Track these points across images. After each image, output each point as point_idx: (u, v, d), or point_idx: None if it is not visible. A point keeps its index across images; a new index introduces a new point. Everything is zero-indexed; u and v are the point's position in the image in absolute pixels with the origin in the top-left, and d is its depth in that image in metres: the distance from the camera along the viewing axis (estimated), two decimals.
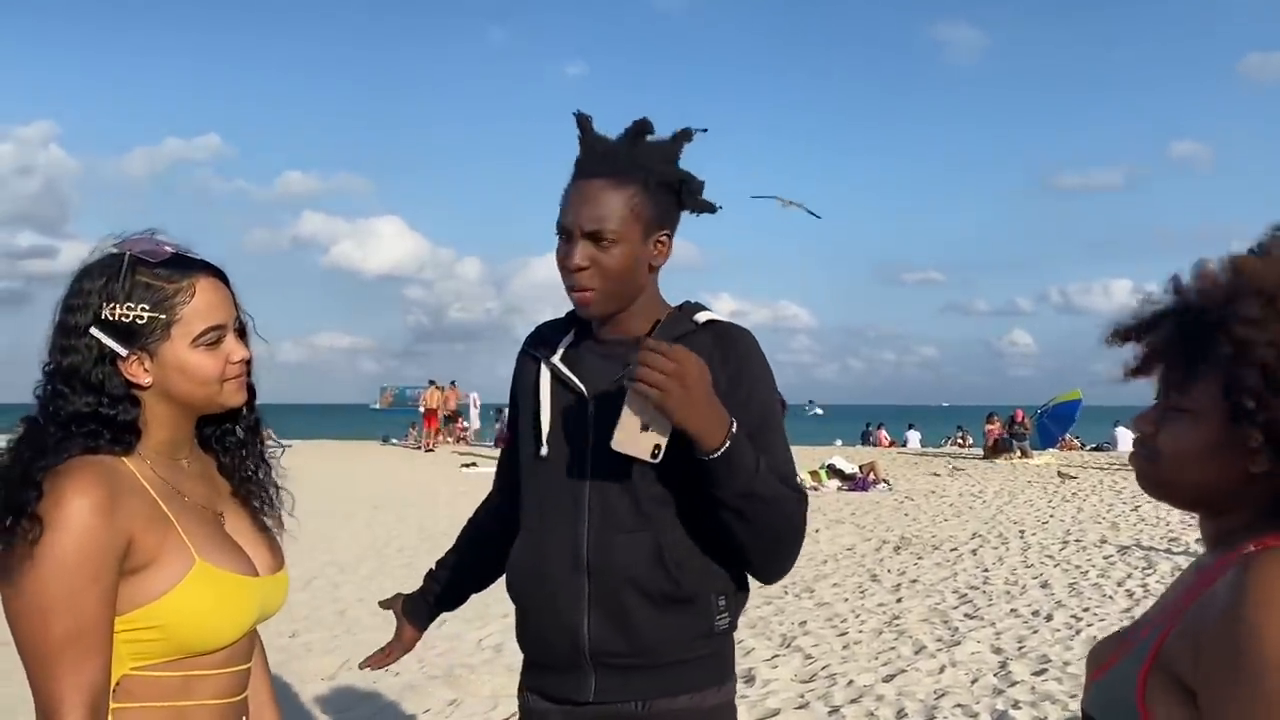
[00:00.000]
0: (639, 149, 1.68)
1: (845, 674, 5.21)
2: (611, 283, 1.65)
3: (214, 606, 1.37)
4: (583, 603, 1.64)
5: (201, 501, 1.46)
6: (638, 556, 1.62)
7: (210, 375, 1.42)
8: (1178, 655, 1.03)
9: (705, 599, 1.64)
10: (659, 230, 1.69)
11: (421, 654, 5.73)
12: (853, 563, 8.77)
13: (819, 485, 15.68)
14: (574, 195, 1.66)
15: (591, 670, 1.65)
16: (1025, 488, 15.08)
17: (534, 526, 1.73)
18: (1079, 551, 9.13)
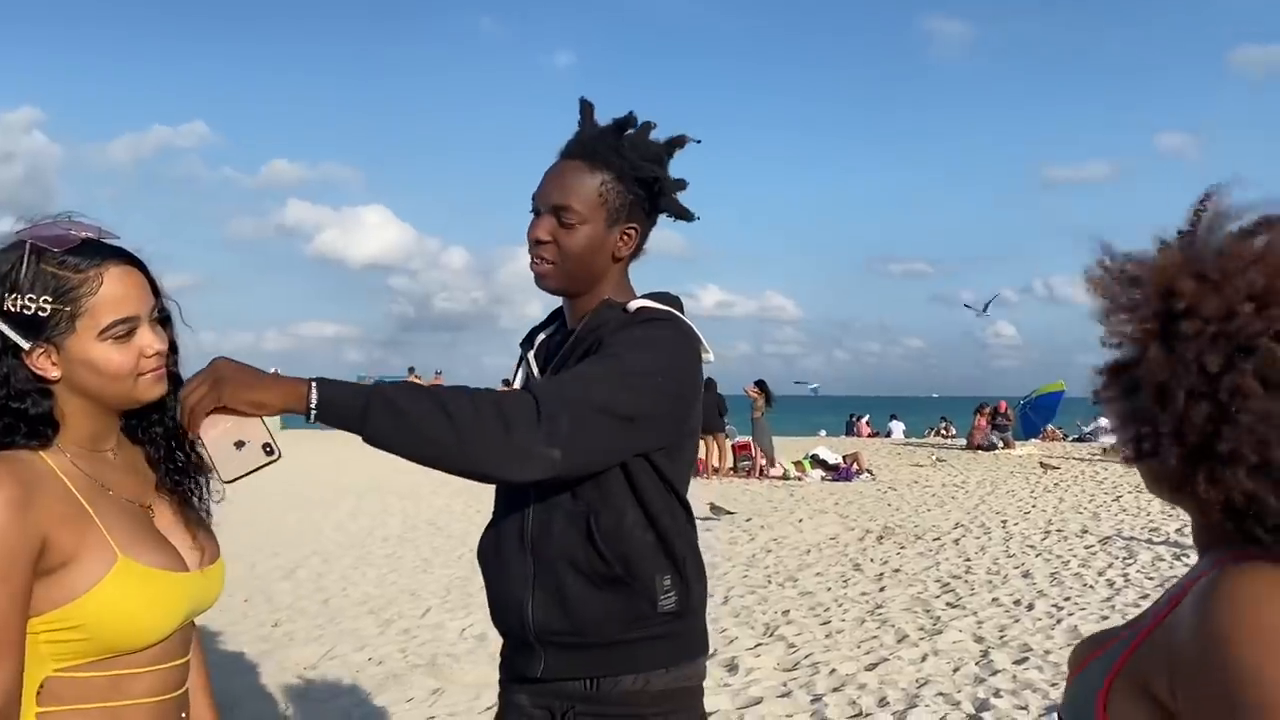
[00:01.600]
0: (620, 140, 1.72)
1: (828, 662, 5.23)
2: (569, 262, 1.70)
3: (139, 604, 1.32)
4: (527, 581, 1.68)
5: (127, 495, 1.41)
6: (573, 537, 1.64)
7: (121, 370, 1.35)
8: (1148, 666, 0.98)
9: (645, 579, 1.65)
10: (627, 222, 1.72)
11: (404, 643, 5.73)
12: (836, 552, 8.80)
13: (803, 475, 15.74)
14: (549, 173, 1.74)
15: (539, 647, 1.68)
16: (1007, 478, 15.16)
17: (497, 509, 1.79)
18: (1061, 541, 9.19)
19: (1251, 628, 0.88)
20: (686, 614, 1.70)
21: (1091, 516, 10.80)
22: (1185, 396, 0.93)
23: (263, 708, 4.62)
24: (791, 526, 10.39)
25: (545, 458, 1.47)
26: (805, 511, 11.65)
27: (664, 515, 1.68)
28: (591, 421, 1.52)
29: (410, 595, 7.06)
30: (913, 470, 16.97)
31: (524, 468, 1.48)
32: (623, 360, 1.59)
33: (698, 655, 1.74)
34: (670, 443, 1.67)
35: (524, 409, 1.46)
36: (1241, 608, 0.89)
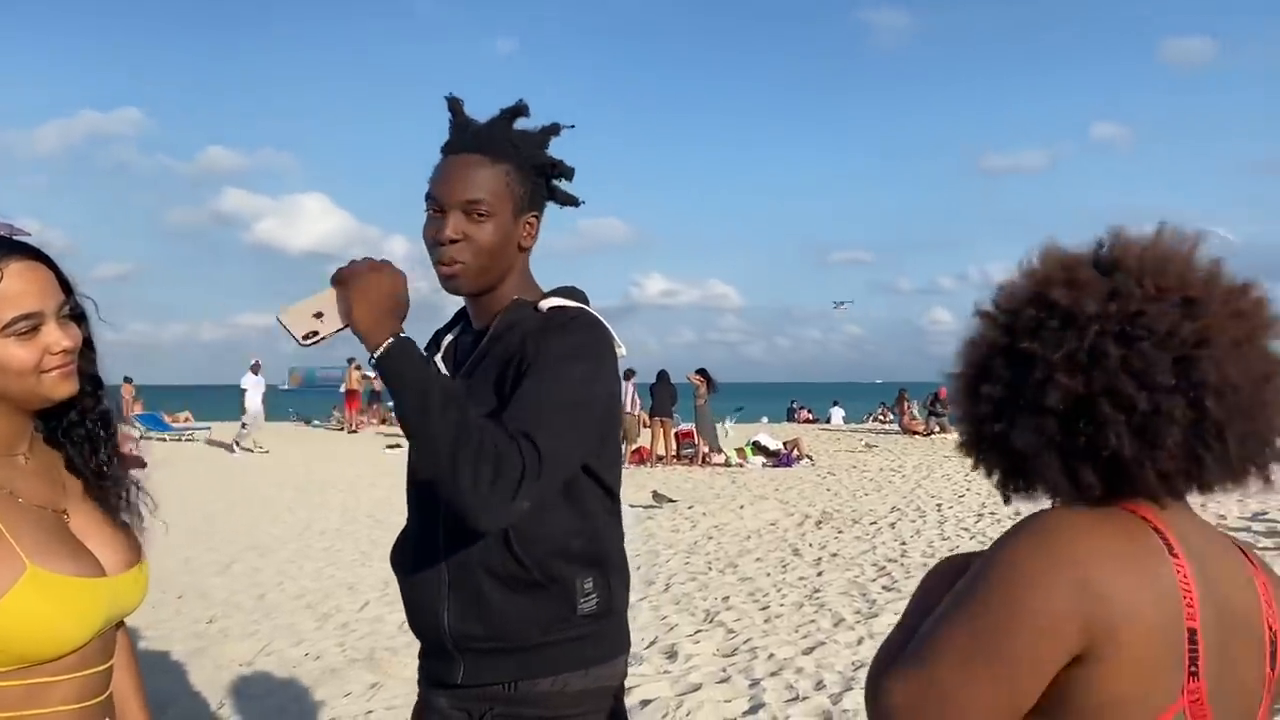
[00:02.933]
0: (513, 130, 1.71)
1: (766, 647, 5.30)
2: (482, 258, 1.67)
3: (51, 613, 1.28)
4: (442, 590, 1.67)
5: (39, 501, 1.37)
6: (489, 543, 1.62)
7: (23, 366, 1.31)
8: None
9: (565, 582, 1.64)
10: (529, 211, 1.72)
11: (342, 638, 5.68)
12: (775, 538, 8.90)
13: (744, 462, 15.88)
14: (448, 169, 1.68)
15: (458, 654, 1.67)
16: (943, 462, 15.43)
17: (410, 515, 1.78)
18: (994, 524, 9.39)
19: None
20: (608, 615, 1.70)
21: None
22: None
23: (196, 706, 4.55)
24: (733, 513, 10.48)
25: (516, 512, 1.46)
26: (746, 498, 11.76)
27: (592, 517, 1.67)
28: (562, 468, 1.52)
29: (348, 589, 6.99)
30: (852, 455, 17.20)
31: (494, 521, 1.47)
32: (574, 387, 1.56)
33: (618, 655, 1.74)
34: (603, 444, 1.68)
35: (513, 469, 1.43)
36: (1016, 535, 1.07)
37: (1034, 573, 1.03)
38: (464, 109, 1.73)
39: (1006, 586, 1.04)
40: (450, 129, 1.72)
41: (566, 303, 1.71)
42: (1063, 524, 1.07)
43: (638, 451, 16.58)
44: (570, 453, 1.54)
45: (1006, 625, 1.03)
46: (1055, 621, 1.01)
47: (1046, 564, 1.03)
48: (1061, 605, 1.01)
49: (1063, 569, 1.02)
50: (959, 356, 1.21)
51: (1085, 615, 1.01)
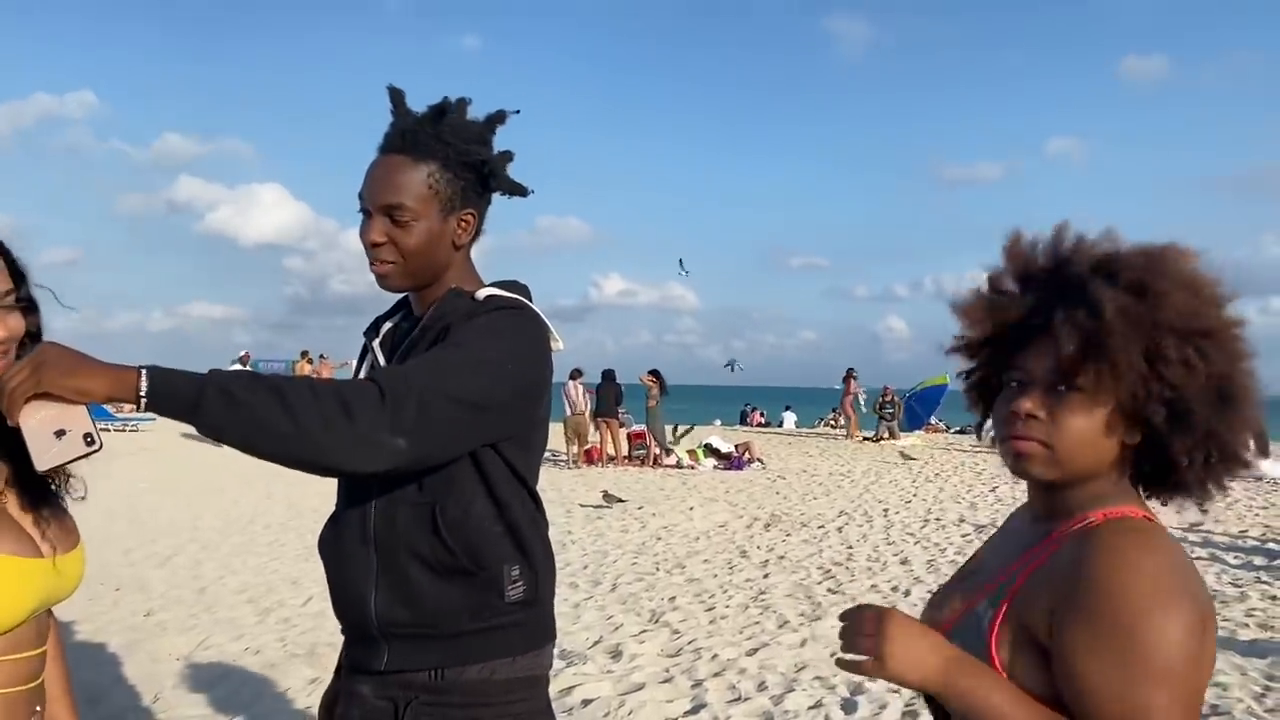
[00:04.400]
0: (441, 127, 1.68)
1: (710, 648, 5.32)
2: (409, 259, 1.68)
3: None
4: (371, 575, 1.66)
5: None
6: (417, 528, 1.62)
7: None
8: (1029, 610, 1.15)
9: (494, 569, 1.64)
10: (462, 209, 1.70)
11: (284, 632, 5.61)
12: (724, 539, 8.94)
13: (696, 464, 15.92)
14: (373, 171, 1.68)
15: (383, 641, 1.66)
16: (891, 468, 15.61)
17: (339, 502, 1.76)
18: (939, 530, 9.51)
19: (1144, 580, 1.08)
20: (535, 603, 1.69)
21: (969, 506, 11.20)
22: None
23: (130, 699, 4.46)
24: (682, 514, 10.50)
25: (390, 447, 1.43)
26: (696, 499, 11.79)
27: (513, 505, 1.66)
28: (438, 409, 1.48)
29: (291, 584, 6.91)
30: (802, 459, 17.32)
31: (369, 458, 1.43)
32: (470, 348, 1.55)
33: (545, 644, 1.74)
34: (519, 432, 1.66)
35: (367, 397, 1.41)
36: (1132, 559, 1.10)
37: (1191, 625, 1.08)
38: (404, 101, 1.72)
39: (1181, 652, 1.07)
40: (390, 124, 1.71)
41: (502, 293, 1.71)
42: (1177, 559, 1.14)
43: (588, 452, 16.57)
44: (455, 402, 1.50)
45: (1197, 685, 1.09)
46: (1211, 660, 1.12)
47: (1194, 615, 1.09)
48: (1210, 645, 1.11)
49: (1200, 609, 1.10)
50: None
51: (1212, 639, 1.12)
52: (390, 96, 1.72)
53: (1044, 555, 1.19)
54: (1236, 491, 11.72)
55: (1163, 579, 1.09)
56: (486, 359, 1.56)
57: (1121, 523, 1.16)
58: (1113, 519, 1.17)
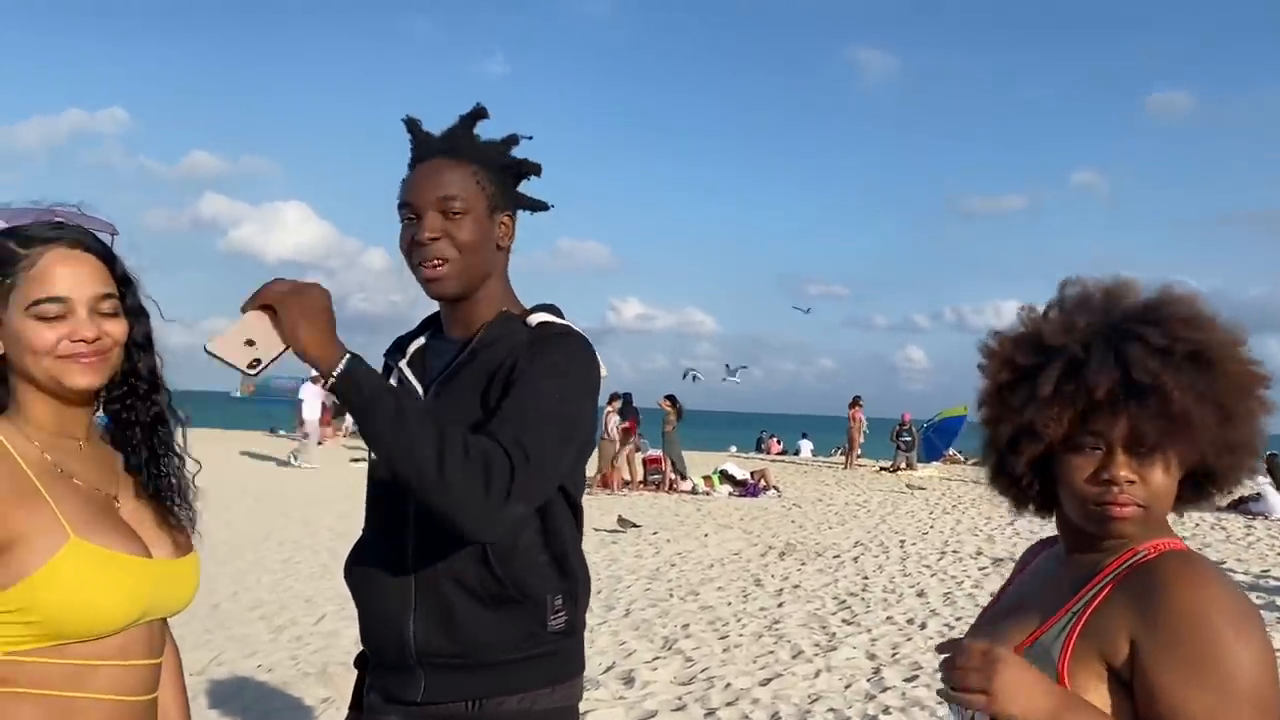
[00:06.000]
0: (474, 134, 1.70)
1: (724, 677, 5.27)
2: (466, 254, 1.64)
3: (92, 585, 1.28)
4: (409, 603, 1.63)
5: (93, 484, 1.38)
6: (464, 556, 1.59)
7: (38, 346, 1.33)
8: (1104, 640, 1.21)
9: (537, 598, 1.62)
10: (503, 210, 1.70)
11: (296, 651, 5.60)
12: (738, 567, 8.89)
13: (711, 490, 15.87)
14: (417, 175, 1.67)
15: (420, 670, 1.63)
16: (907, 499, 15.50)
17: (369, 527, 1.73)
18: (955, 562, 9.42)
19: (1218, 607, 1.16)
20: (573, 633, 1.68)
21: (987, 539, 11.09)
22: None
23: None
24: (696, 541, 10.45)
25: (510, 518, 1.45)
26: (711, 526, 11.74)
27: (562, 531, 1.65)
28: (549, 472, 1.50)
29: (305, 601, 6.91)
30: (818, 488, 17.23)
31: (488, 528, 1.45)
32: (557, 397, 1.54)
33: (578, 674, 1.72)
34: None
35: (501, 468, 1.42)
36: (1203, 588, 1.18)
37: (1265, 645, 1.16)
38: (421, 127, 1.73)
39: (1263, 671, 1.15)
40: (412, 144, 1.72)
41: (554, 319, 1.70)
42: (1233, 584, 1.22)
43: (604, 476, 16.53)
44: (556, 464, 1.52)
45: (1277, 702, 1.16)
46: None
47: (1265, 635, 1.17)
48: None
49: (1264, 630, 1.19)
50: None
51: None
52: (408, 127, 1.73)
53: (1107, 588, 1.25)
54: (1258, 530, 11.59)
55: (1234, 605, 1.17)
56: (570, 411, 1.55)
57: (1180, 555, 1.25)
58: (1170, 551, 1.26)
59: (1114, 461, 1.25)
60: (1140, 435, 1.23)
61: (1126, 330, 1.27)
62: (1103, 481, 1.25)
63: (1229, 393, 1.26)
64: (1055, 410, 1.28)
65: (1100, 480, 1.25)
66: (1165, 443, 1.24)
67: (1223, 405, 1.25)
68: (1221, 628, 1.15)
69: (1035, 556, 1.51)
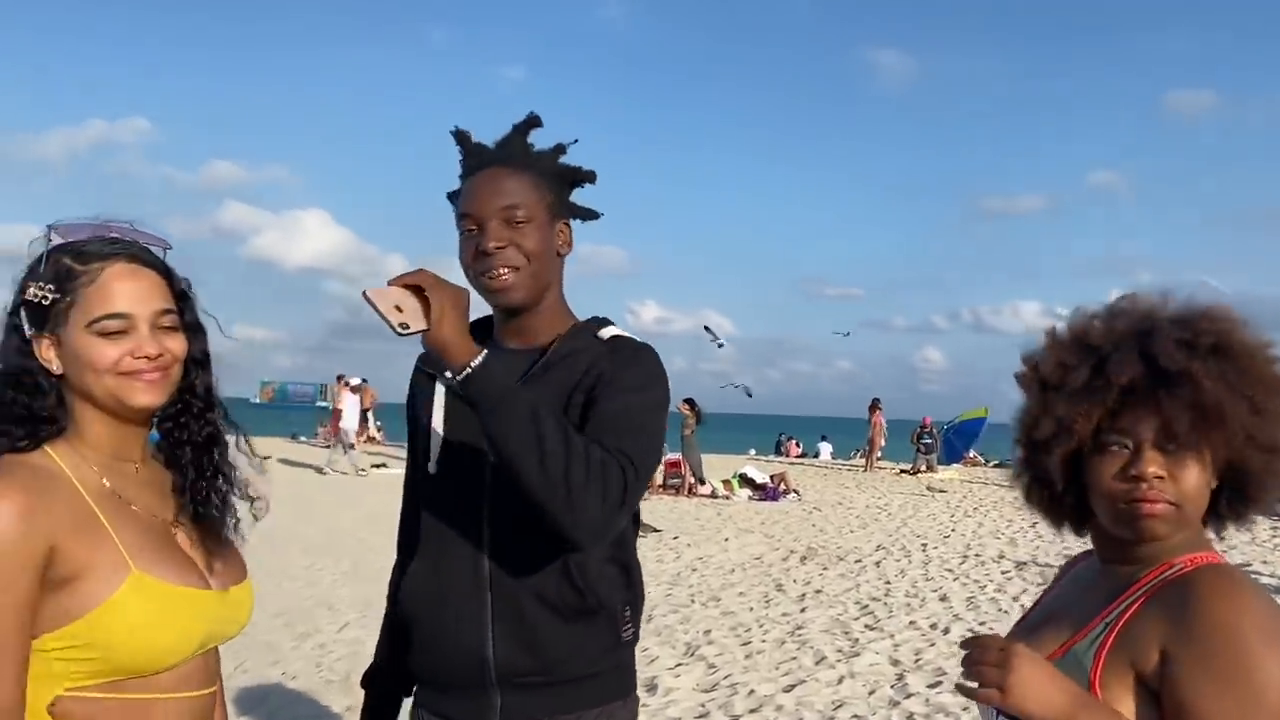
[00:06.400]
0: (529, 143, 1.69)
1: (746, 684, 5.25)
2: (532, 262, 1.62)
3: (154, 621, 1.26)
4: (485, 622, 1.59)
5: (151, 508, 1.36)
6: (545, 569, 1.56)
7: (99, 363, 1.30)
8: (1136, 651, 1.21)
9: (610, 609, 1.61)
10: (561, 217, 1.69)
11: (319, 658, 5.62)
12: (760, 572, 8.86)
13: (731, 494, 15.83)
14: (477, 184, 1.64)
15: (497, 690, 1.59)
16: (929, 502, 15.42)
17: (431, 546, 1.68)
18: (978, 566, 9.36)
19: (1252, 621, 1.15)
20: (636, 642, 1.68)
21: (1009, 542, 11.02)
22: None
23: None
24: (717, 545, 10.43)
25: (616, 527, 1.48)
26: (731, 530, 11.71)
27: (627, 540, 1.66)
28: (643, 492, 1.53)
29: (328, 609, 6.94)
30: (838, 491, 17.17)
31: (599, 536, 1.48)
32: (649, 414, 1.58)
33: (636, 681, 1.73)
34: None
35: (616, 480, 1.44)
36: (1237, 601, 1.17)
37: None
38: (472, 139, 1.71)
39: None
40: (464, 155, 1.70)
41: (625, 332, 1.70)
42: (1270, 599, 1.21)
43: None
44: (649, 475, 1.55)
45: None
46: None
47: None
48: None
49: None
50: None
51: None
52: (457, 139, 1.71)
53: (1140, 600, 1.25)
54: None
55: (1268, 619, 1.16)
56: (656, 423, 1.60)
57: (1216, 568, 1.24)
58: (1206, 564, 1.25)
59: (1142, 458, 1.25)
60: (1169, 429, 1.24)
61: (1153, 328, 1.29)
62: (1131, 478, 1.26)
63: (1259, 387, 1.25)
64: (1085, 406, 1.29)
65: (1128, 478, 1.26)
66: (1195, 435, 1.23)
67: (1253, 399, 1.24)
68: (1254, 641, 1.14)
69: (1073, 568, 1.51)
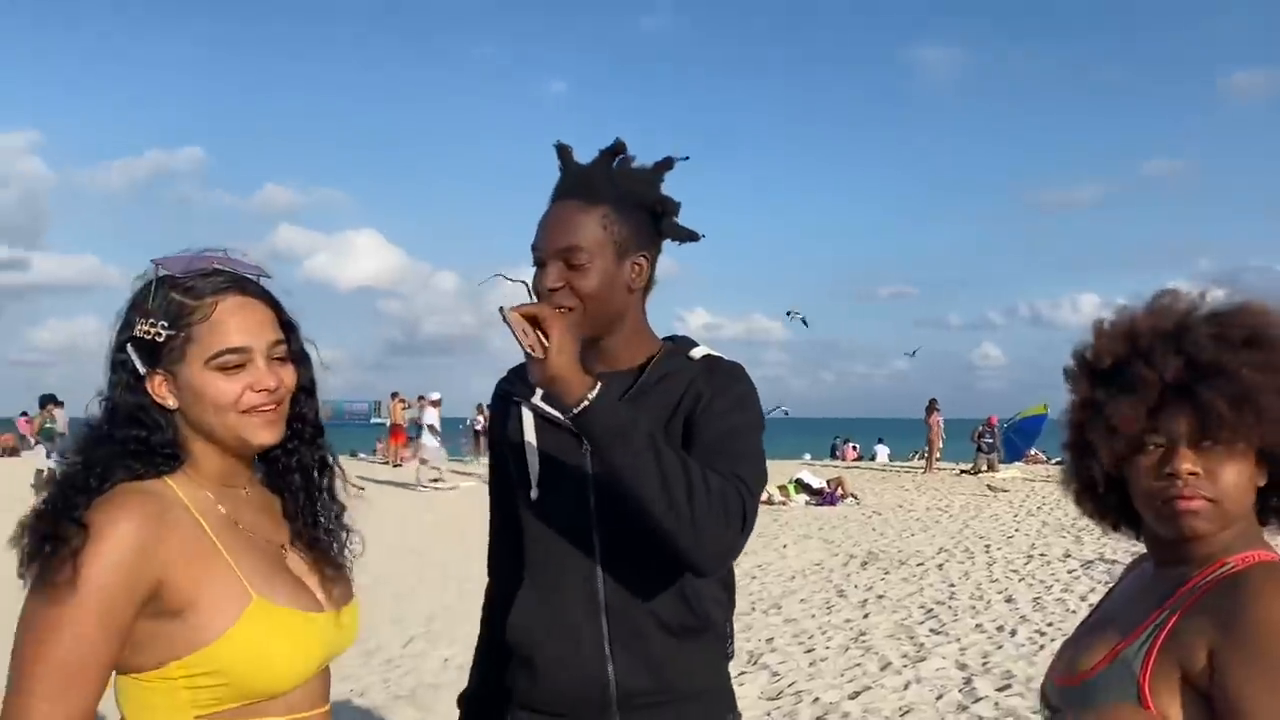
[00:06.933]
0: (612, 170, 1.66)
1: (811, 691, 5.22)
2: (587, 304, 1.62)
3: (276, 645, 1.28)
4: (603, 644, 1.59)
5: (262, 534, 1.37)
6: (662, 591, 1.58)
7: (222, 399, 1.30)
8: (1185, 653, 1.20)
9: (719, 626, 1.63)
10: (636, 252, 1.65)
11: (386, 674, 5.69)
12: (820, 578, 8.80)
13: (787, 499, 15.73)
14: (548, 218, 1.65)
15: (617, 713, 1.60)
16: (990, 502, 15.20)
17: (539, 572, 1.67)
18: (1043, 565, 9.21)
19: None
20: (733, 658, 1.71)
21: (1074, 540, 10.82)
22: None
23: None
24: (775, 552, 10.38)
25: (736, 551, 1.50)
26: (789, 537, 11.64)
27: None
28: (758, 506, 1.54)
29: (393, 623, 7.02)
30: (897, 494, 16.99)
31: (721, 563, 1.51)
32: (753, 434, 1.61)
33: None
34: None
35: (734, 504, 1.46)
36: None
37: None
38: (572, 156, 1.69)
39: None
40: (560, 176, 1.69)
41: (714, 351, 1.72)
42: None
43: None
44: (759, 493, 1.56)
45: None
46: None
47: None
48: None
49: None
50: None
51: None
52: (558, 152, 1.69)
53: (1190, 601, 1.24)
54: None
55: None
56: (759, 443, 1.62)
57: (1267, 566, 1.24)
58: (1259, 563, 1.24)
59: (1176, 454, 1.26)
60: (1204, 424, 1.24)
61: (1189, 324, 1.30)
62: (1166, 476, 1.26)
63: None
64: (1129, 404, 1.29)
65: (1164, 475, 1.26)
66: (1231, 429, 1.23)
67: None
68: None
69: (1137, 567, 1.51)
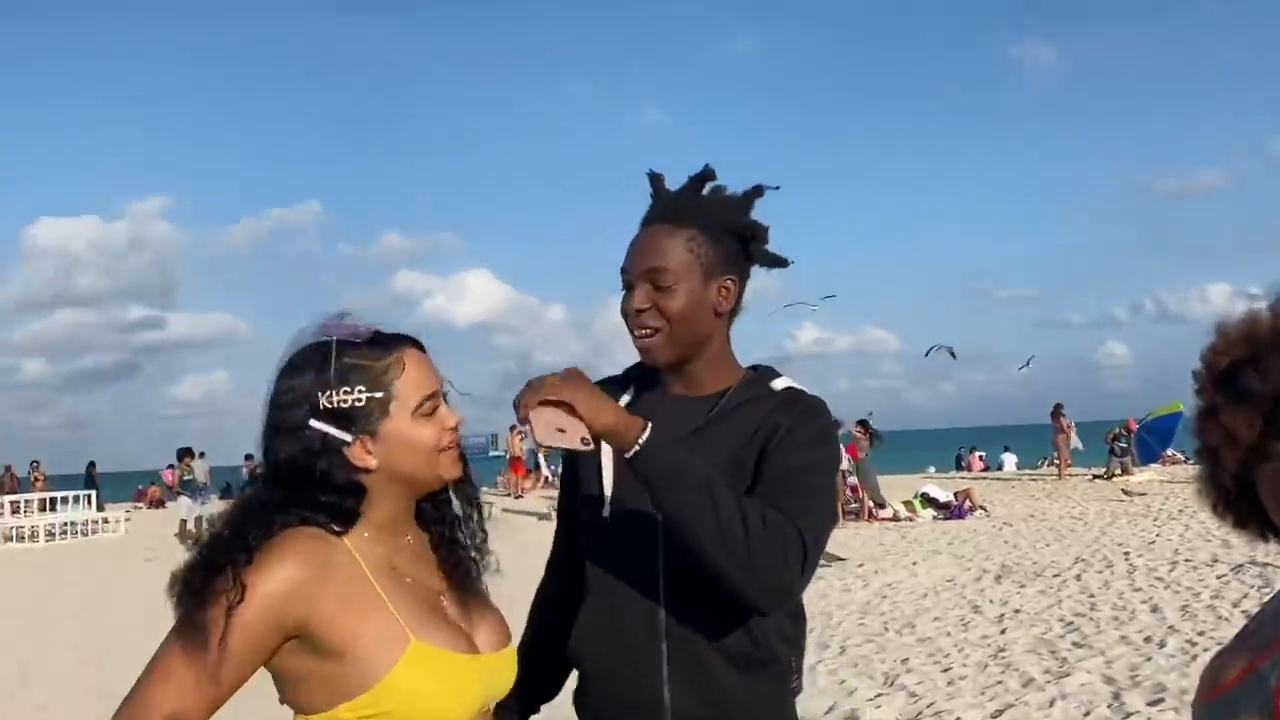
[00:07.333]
0: (700, 196, 1.69)
1: (951, 711, 5.13)
2: (674, 325, 1.64)
3: (436, 688, 1.31)
4: (661, 670, 1.60)
5: (421, 579, 1.42)
6: (724, 620, 1.57)
7: (431, 444, 1.39)
8: None
9: (784, 661, 1.62)
10: (722, 275, 1.67)
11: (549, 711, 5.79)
12: (953, 594, 8.62)
13: (914, 515, 15.43)
14: (637, 241, 1.69)
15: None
16: (1128, 507, 14.64)
17: (604, 591, 1.68)
18: (1190, 572, 8.84)
19: None
20: (799, 693, 1.68)
21: (1222, 543, 10.32)
22: None
23: None
24: (905, 570, 10.20)
25: (795, 592, 1.51)
26: (919, 553, 11.43)
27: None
28: (822, 550, 1.55)
29: None
30: (1028, 503, 16.49)
31: (779, 603, 1.50)
32: (828, 471, 1.62)
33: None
34: None
35: (795, 545, 1.46)
36: None
37: None
38: (664, 183, 1.73)
39: None
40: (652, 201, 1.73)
41: (796, 384, 1.72)
42: None
43: None
44: (826, 532, 1.56)
45: None
46: None
47: None
48: None
49: None
50: None
51: None
52: (650, 180, 1.74)
53: None
54: None
55: None
56: (832, 481, 1.62)
57: None
58: None
59: None
60: None
61: None
62: None
63: None
64: (1245, 411, 1.21)
65: None
66: None
67: None
68: None
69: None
